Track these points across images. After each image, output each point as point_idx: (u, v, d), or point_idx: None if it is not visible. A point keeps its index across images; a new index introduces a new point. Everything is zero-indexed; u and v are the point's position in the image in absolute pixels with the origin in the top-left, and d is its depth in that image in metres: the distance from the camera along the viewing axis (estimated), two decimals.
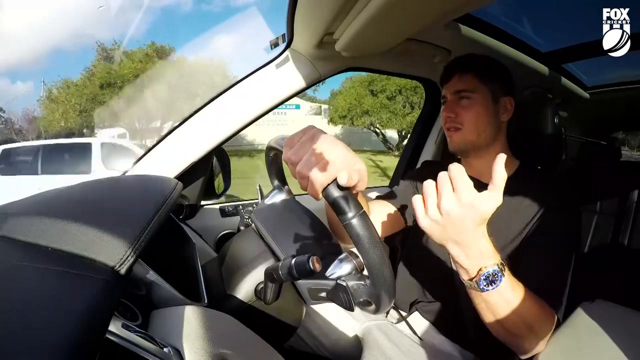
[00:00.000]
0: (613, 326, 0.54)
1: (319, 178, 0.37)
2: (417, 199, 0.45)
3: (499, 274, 0.46)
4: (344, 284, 0.44)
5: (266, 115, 0.92)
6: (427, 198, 0.44)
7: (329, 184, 0.38)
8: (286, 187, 0.72)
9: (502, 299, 0.48)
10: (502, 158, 0.40)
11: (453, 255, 0.46)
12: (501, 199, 0.41)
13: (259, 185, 0.83)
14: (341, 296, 0.45)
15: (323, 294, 0.48)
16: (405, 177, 0.92)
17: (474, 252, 0.45)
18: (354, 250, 0.44)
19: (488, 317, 0.51)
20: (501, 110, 0.71)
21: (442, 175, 0.42)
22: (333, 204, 0.38)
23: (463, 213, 0.41)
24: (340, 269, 0.46)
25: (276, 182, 0.71)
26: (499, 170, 0.40)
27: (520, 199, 0.67)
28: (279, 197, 0.72)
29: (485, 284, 0.46)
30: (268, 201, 0.72)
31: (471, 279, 0.46)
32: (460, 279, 0.49)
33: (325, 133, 0.40)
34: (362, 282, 0.44)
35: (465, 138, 0.71)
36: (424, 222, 0.44)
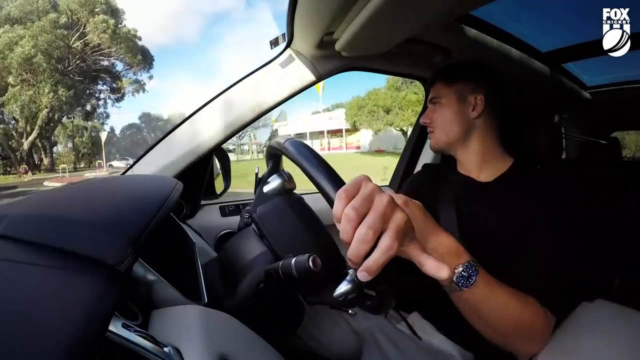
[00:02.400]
0: (613, 326, 0.54)
1: (392, 246, 0.31)
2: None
3: (473, 269, 0.47)
4: (353, 313, 0.48)
5: None
6: None
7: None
8: (286, 171, 0.70)
9: (481, 298, 0.49)
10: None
11: None
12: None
13: (257, 168, 0.79)
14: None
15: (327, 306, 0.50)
16: (407, 183, 0.93)
17: (442, 251, 0.46)
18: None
19: (474, 318, 0.52)
20: (470, 108, 0.75)
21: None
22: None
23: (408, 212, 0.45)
24: (346, 288, 0.46)
25: (271, 164, 0.68)
26: None
27: (513, 197, 0.67)
28: (277, 181, 0.70)
29: (462, 281, 0.47)
30: (266, 188, 0.70)
31: (449, 281, 0.48)
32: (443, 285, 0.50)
33: (382, 190, 0.35)
34: (368, 302, 0.46)
35: (437, 139, 0.79)
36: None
